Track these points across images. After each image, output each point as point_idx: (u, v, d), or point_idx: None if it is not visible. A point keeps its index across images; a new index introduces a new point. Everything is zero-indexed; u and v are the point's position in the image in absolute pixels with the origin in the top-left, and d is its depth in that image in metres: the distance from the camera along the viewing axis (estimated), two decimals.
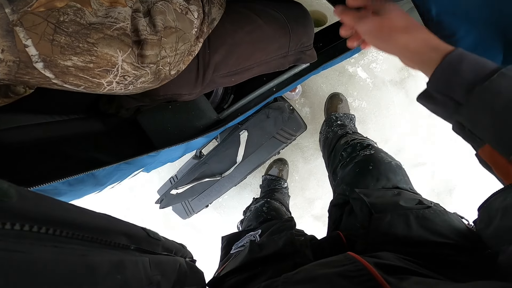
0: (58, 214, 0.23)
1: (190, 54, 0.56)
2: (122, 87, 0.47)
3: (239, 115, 0.86)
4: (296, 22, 0.67)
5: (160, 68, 0.51)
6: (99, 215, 0.28)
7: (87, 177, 0.55)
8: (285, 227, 0.62)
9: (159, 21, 0.47)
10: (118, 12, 0.42)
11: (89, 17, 0.38)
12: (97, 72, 0.41)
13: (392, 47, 0.43)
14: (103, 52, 0.40)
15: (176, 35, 0.50)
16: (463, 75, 0.34)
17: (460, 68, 0.34)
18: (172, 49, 0.50)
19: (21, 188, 0.21)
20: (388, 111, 1.48)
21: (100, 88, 0.44)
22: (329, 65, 0.90)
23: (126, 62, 0.44)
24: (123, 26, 0.42)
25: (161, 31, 0.47)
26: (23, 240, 0.19)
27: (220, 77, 0.63)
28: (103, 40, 0.40)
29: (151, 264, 0.30)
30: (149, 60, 0.46)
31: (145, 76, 0.49)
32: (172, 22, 0.49)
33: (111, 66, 0.42)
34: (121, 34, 0.42)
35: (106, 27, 0.40)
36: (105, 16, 0.40)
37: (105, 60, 0.41)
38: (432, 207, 0.51)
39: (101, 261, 0.24)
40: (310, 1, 1.38)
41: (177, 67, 0.55)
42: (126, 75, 0.45)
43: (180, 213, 1.34)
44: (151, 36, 0.46)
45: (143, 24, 0.45)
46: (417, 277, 0.32)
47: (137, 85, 0.49)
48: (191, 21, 0.53)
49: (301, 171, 1.58)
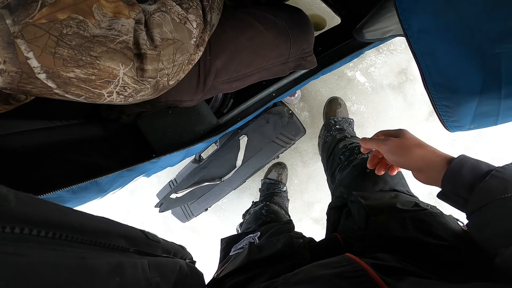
0: (57, 217, 0.23)
1: (189, 63, 0.56)
2: (122, 98, 0.47)
3: (239, 120, 0.86)
4: (297, 29, 0.68)
5: (158, 80, 0.50)
6: (97, 218, 0.28)
7: (90, 185, 0.56)
8: (284, 229, 0.62)
9: (157, 34, 0.46)
10: (122, 24, 0.41)
11: (92, 29, 0.38)
12: (98, 83, 0.41)
13: (410, 159, 0.52)
14: (106, 65, 0.40)
15: (173, 47, 0.49)
16: (464, 179, 0.43)
17: (461, 173, 0.44)
18: (169, 61, 0.50)
19: (20, 193, 0.21)
20: (386, 115, 1.49)
21: (101, 98, 0.44)
22: (328, 70, 0.91)
23: (127, 76, 0.43)
24: (126, 39, 0.42)
25: (159, 46, 0.46)
26: (22, 243, 0.19)
27: (221, 83, 0.64)
28: (106, 53, 0.40)
29: (150, 266, 0.30)
30: (148, 74, 0.46)
31: (145, 90, 0.48)
32: (169, 34, 0.48)
33: (112, 78, 0.42)
34: (124, 47, 0.42)
35: (109, 40, 0.40)
36: (108, 28, 0.40)
37: (107, 72, 0.41)
38: (428, 209, 0.51)
39: (100, 264, 0.24)
40: (309, 5, 1.40)
41: (175, 77, 0.54)
42: (126, 86, 0.45)
43: (179, 217, 1.34)
44: (150, 51, 0.45)
45: (143, 37, 0.44)
46: (414, 278, 0.32)
47: (137, 97, 0.49)
48: (189, 31, 0.52)
49: (300, 174, 1.58)
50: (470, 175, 0.43)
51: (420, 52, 0.45)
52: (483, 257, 0.37)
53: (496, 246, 0.35)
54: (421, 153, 0.51)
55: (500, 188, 0.38)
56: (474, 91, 0.45)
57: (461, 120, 0.52)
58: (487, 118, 0.50)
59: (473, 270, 0.38)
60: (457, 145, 1.51)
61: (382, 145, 0.57)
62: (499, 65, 0.41)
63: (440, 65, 0.46)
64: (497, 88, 0.43)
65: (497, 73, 0.42)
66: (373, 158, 0.66)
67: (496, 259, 0.34)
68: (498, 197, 0.37)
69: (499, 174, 0.40)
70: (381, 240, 0.47)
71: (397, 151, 0.54)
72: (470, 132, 1.49)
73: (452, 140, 1.51)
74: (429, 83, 0.48)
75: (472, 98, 0.46)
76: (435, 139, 1.49)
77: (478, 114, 0.49)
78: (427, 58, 0.46)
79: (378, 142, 0.58)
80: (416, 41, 0.45)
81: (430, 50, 0.45)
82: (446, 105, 0.50)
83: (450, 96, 0.48)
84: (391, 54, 1.45)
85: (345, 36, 0.92)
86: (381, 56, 1.45)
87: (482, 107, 0.47)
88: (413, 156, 0.52)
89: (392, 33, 0.73)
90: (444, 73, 0.46)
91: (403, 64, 1.45)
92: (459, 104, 0.48)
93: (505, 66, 0.41)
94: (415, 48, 0.45)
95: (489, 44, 0.40)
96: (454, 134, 1.50)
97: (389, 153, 0.56)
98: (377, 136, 0.62)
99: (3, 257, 0.18)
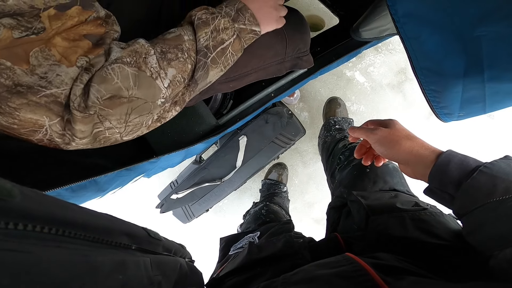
0: (60, 213, 0.23)
1: (158, 121, 0.49)
2: (56, 145, 0.41)
3: (238, 121, 0.86)
4: (293, 29, 0.68)
5: (107, 137, 0.44)
6: (100, 215, 0.28)
7: (89, 184, 0.56)
8: (284, 229, 0.62)
9: (95, 92, 0.38)
10: (57, 74, 0.36)
11: (20, 77, 0.34)
12: (23, 131, 0.37)
13: (398, 151, 0.50)
14: (26, 117, 0.35)
15: (128, 106, 0.42)
16: (451, 175, 0.42)
17: (448, 169, 0.43)
18: (120, 121, 0.42)
19: (24, 188, 0.21)
20: (386, 114, 1.49)
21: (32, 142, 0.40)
22: (326, 70, 0.92)
23: (52, 130, 0.38)
24: (56, 93, 0.36)
25: (93, 107, 0.39)
26: (26, 240, 0.19)
27: (218, 83, 0.64)
28: (27, 106, 0.35)
29: (152, 264, 0.31)
30: (75, 133, 0.39)
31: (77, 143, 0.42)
32: (124, 91, 0.41)
33: (38, 128, 0.37)
34: (50, 102, 0.36)
35: (32, 92, 0.34)
36: (41, 76, 0.35)
37: (31, 123, 0.36)
38: (428, 209, 0.52)
39: (103, 261, 0.24)
40: (308, 5, 1.40)
41: (133, 134, 0.47)
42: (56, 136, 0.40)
43: (180, 218, 1.35)
44: (75, 111, 0.38)
45: (75, 93, 0.37)
46: (413, 277, 0.32)
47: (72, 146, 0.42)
48: (159, 89, 0.44)
49: (301, 175, 1.58)
50: (457, 171, 0.42)
51: (407, 36, 0.46)
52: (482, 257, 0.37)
53: (490, 249, 0.35)
54: (409, 145, 0.50)
55: (488, 185, 0.37)
56: (458, 74, 0.46)
57: (450, 106, 0.52)
58: (475, 105, 0.51)
59: (472, 269, 0.38)
60: (458, 144, 1.51)
61: (371, 135, 0.55)
62: (480, 48, 0.42)
63: (425, 49, 0.47)
64: (480, 72, 0.43)
65: (478, 57, 0.43)
66: (360, 147, 0.64)
67: (490, 261, 0.34)
68: (492, 199, 0.36)
69: (487, 170, 0.39)
70: (381, 240, 0.47)
71: (385, 142, 0.52)
72: (471, 133, 1.49)
73: (453, 139, 1.51)
74: (416, 67, 0.49)
75: (457, 82, 0.47)
76: (435, 137, 1.49)
77: (465, 100, 0.50)
78: (413, 42, 0.47)
79: (367, 132, 0.56)
80: (403, 25, 0.45)
81: (415, 34, 0.46)
82: (434, 90, 0.50)
83: (437, 80, 0.49)
84: (390, 53, 1.45)
85: (343, 36, 0.93)
86: (380, 55, 1.46)
87: (468, 92, 0.48)
88: (401, 149, 0.50)
89: (388, 31, 0.74)
90: (429, 57, 0.47)
91: (402, 63, 1.45)
92: (446, 87, 0.49)
93: (485, 49, 0.42)
94: (402, 32, 0.46)
95: (468, 28, 0.41)
96: (454, 134, 1.50)
97: (377, 143, 0.54)
98: (366, 125, 0.61)
99: (7, 254, 0.17)
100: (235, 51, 0.53)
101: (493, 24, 0.39)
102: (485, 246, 0.37)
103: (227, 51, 0.51)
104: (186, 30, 0.48)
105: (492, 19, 0.38)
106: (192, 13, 0.50)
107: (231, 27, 0.51)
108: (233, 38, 0.51)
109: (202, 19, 0.48)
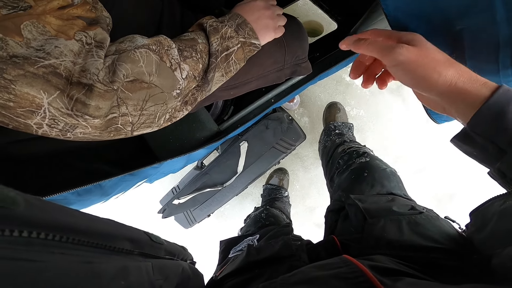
0: (64, 220, 0.23)
1: (169, 120, 0.50)
2: (58, 132, 0.39)
3: (239, 126, 0.88)
4: (291, 36, 0.69)
5: (118, 127, 0.43)
6: (103, 220, 0.28)
7: (94, 188, 0.57)
8: (282, 232, 0.63)
9: (122, 70, 0.39)
10: (56, 46, 0.35)
11: (14, 48, 0.33)
12: (20, 112, 0.35)
13: (436, 83, 0.36)
14: (23, 92, 0.34)
15: (147, 92, 0.42)
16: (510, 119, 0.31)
17: (508, 111, 0.31)
18: (136, 107, 0.42)
19: (28, 196, 0.21)
20: (386, 118, 1.50)
21: (30, 129, 0.38)
22: (325, 75, 0.93)
23: (52, 107, 0.36)
24: (54, 64, 0.35)
25: (118, 82, 0.39)
26: (31, 247, 0.19)
27: (219, 90, 0.65)
28: (23, 78, 0.33)
29: (154, 269, 0.31)
30: (89, 111, 0.38)
31: (84, 128, 0.40)
32: (146, 75, 0.41)
33: (36, 108, 0.35)
34: (48, 73, 0.35)
35: (29, 63, 0.33)
36: (37, 49, 0.34)
37: (27, 100, 0.35)
38: (424, 212, 0.52)
39: (106, 268, 0.24)
40: (306, 11, 1.42)
41: (143, 129, 0.47)
42: (56, 119, 0.37)
43: (182, 223, 1.36)
44: (99, 84, 0.37)
45: (97, 66, 0.37)
46: (410, 279, 0.33)
47: (77, 134, 0.41)
48: (176, 80, 0.46)
49: (302, 180, 1.59)
50: None
51: (397, 30, 0.47)
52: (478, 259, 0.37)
53: (492, 247, 0.35)
54: (451, 75, 0.36)
55: None
56: None
57: None
58: None
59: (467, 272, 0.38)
60: None
61: (391, 55, 0.39)
62: (462, 41, 0.43)
63: None
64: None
65: (462, 49, 0.44)
66: (358, 65, 0.50)
67: (492, 260, 0.34)
68: None
69: None
70: (378, 242, 0.48)
71: (414, 68, 0.37)
72: None
73: None
74: None
75: None
76: (437, 141, 1.49)
77: None
78: None
79: (383, 50, 0.40)
80: (393, 19, 0.46)
81: (404, 28, 0.46)
82: None
83: None
84: None
85: None
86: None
87: None
88: (440, 80, 0.36)
89: None
90: None
91: None
92: None
93: (467, 41, 0.43)
94: (393, 26, 0.47)
95: (451, 21, 0.42)
96: None
97: (400, 68, 0.39)
98: (371, 37, 0.44)
99: (11, 262, 0.17)
100: (238, 60, 0.55)
101: (473, 17, 0.40)
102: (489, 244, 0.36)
103: (229, 58, 0.54)
104: (199, 35, 0.52)
105: (471, 12, 0.40)
106: (203, 21, 0.53)
107: (235, 37, 0.54)
108: (237, 47, 0.54)
109: (213, 26, 0.52)
